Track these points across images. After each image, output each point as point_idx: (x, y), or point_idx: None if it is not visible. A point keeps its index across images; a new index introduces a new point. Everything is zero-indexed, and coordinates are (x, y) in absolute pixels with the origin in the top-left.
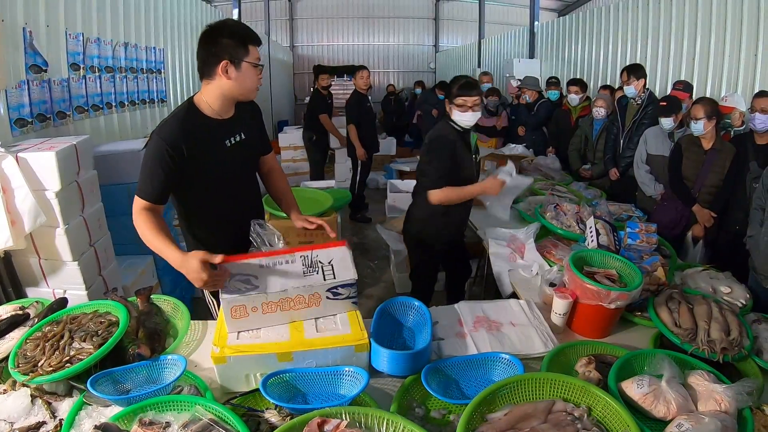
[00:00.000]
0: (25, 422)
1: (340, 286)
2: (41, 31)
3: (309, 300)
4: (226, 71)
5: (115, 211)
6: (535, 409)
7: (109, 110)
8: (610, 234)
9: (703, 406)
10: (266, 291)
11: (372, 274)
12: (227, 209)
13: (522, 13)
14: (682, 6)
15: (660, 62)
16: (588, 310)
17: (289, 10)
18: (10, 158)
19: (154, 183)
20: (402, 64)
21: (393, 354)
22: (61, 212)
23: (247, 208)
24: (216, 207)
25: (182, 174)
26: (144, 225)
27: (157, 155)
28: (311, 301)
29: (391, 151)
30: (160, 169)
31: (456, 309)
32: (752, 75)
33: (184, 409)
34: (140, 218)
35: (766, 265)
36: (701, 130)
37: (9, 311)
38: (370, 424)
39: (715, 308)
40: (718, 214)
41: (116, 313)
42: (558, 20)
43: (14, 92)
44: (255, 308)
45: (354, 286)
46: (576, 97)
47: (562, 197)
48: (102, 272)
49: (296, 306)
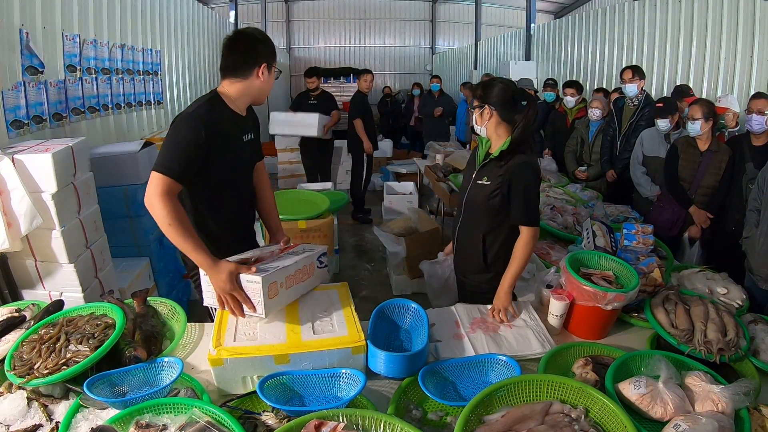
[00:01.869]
0: (22, 425)
1: (322, 255)
2: (38, 33)
3: (309, 270)
4: (262, 73)
5: (111, 213)
6: (533, 410)
7: (105, 112)
8: (606, 235)
9: (700, 407)
10: (285, 267)
11: (369, 276)
12: (235, 204)
13: (518, 15)
14: (677, 8)
15: (656, 64)
16: (585, 312)
17: (285, 12)
18: (6, 160)
19: (182, 161)
20: (398, 66)
21: (390, 356)
22: (58, 214)
23: (249, 206)
24: (226, 200)
25: (205, 160)
26: (171, 216)
27: (191, 134)
28: (310, 271)
29: (387, 153)
30: (193, 147)
31: (453, 311)
32: (748, 77)
33: (181, 411)
34: (165, 206)
35: (763, 266)
36: (698, 131)
37: (5, 313)
38: (367, 427)
39: (711, 309)
40: (714, 216)
41: (113, 316)
42: (554, 22)
43: (10, 94)
44: (282, 284)
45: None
46: (572, 100)
47: (558, 199)
48: (98, 274)
49: (302, 278)
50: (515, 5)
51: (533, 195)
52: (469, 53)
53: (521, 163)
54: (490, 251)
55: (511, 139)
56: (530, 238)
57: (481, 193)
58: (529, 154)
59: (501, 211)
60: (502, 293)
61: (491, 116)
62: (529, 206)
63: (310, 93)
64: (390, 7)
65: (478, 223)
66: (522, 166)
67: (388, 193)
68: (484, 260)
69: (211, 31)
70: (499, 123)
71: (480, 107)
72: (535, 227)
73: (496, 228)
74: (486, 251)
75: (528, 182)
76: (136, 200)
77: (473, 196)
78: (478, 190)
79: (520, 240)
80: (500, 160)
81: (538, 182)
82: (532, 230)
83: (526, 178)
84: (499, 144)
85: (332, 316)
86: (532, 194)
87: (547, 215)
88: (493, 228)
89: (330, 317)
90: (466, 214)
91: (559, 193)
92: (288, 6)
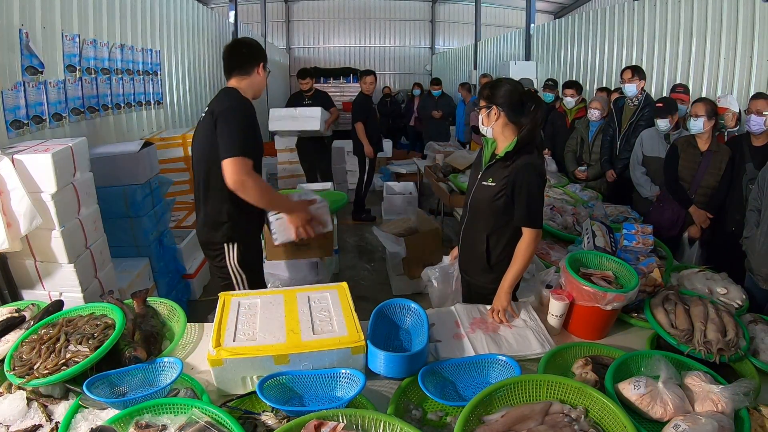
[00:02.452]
0: (21, 425)
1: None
2: (37, 33)
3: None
4: (260, 71)
5: (111, 214)
6: (532, 410)
7: (105, 112)
8: (606, 235)
9: (700, 407)
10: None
11: (369, 276)
12: None
13: (518, 16)
14: (677, 8)
15: (656, 64)
16: (584, 312)
17: (285, 12)
18: (6, 160)
19: (249, 141)
20: (398, 66)
21: (390, 356)
22: (57, 214)
23: None
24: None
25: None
26: (261, 186)
27: (249, 118)
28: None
29: (387, 153)
30: (251, 129)
31: (453, 311)
32: (747, 77)
33: (181, 411)
34: (255, 181)
35: (763, 266)
36: (700, 128)
37: (5, 314)
38: (367, 427)
39: (711, 309)
40: (714, 215)
41: (112, 316)
42: (554, 22)
43: (10, 94)
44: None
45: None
46: (572, 100)
47: (558, 199)
48: (98, 275)
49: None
50: (515, 5)
51: (536, 196)
52: (469, 53)
53: (525, 164)
54: (493, 252)
55: (518, 141)
56: (532, 240)
57: (485, 194)
58: (534, 156)
59: (505, 212)
60: (502, 293)
61: (498, 117)
62: (532, 208)
63: (303, 94)
64: (390, 8)
65: (483, 223)
66: (526, 167)
67: (388, 193)
68: (488, 261)
69: (211, 32)
70: (506, 124)
71: (487, 107)
72: (537, 229)
73: (499, 229)
74: (489, 252)
75: (531, 184)
76: (135, 200)
77: (478, 197)
78: (482, 191)
79: (522, 241)
80: (505, 161)
81: (542, 184)
82: (535, 232)
83: (530, 180)
84: (504, 145)
85: (332, 316)
86: (535, 196)
87: (547, 215)
88: (497, 229)
89: (330, 317)
90: (471, 215)
91: (559, 193)
92: (288, 6)
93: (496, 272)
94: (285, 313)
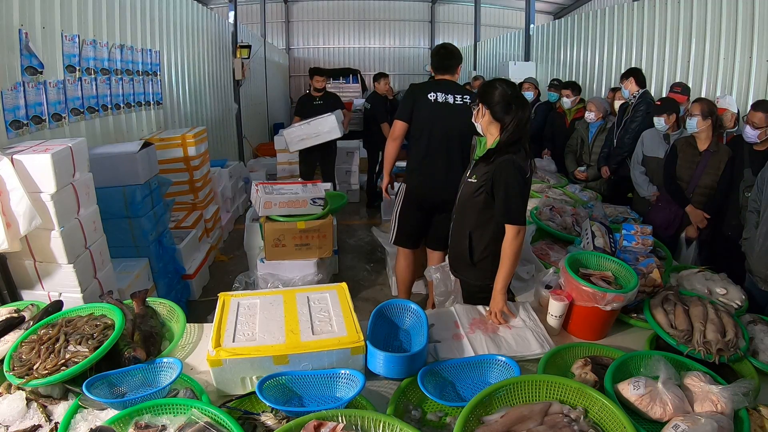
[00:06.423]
0: (21, 426)
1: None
2: (37, 33)
3: None
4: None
5: (110, 214)
6: (532, 411)
7: (104, 112)
8: (605, 236)
9: (700, 407)
10: None
11: (368, 277)
12: None
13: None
14: (677, 9)
15: (655, 65)
16: (584, 312)
17: (284, 12)
18: (6, 160)
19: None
20: (397, 67)
21: (389, 356)
22: (57, 214)
23: None
24: None
25: None
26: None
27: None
28: None
29: None
30: None
31: (452, 311)
32: (747, 78)
33: (180, 412)
34: (396, 144)
35: (762, 267)
36: (694, 127)
37: (4, 314)
38: (367, 427)
39: (710, 309)
40: (711, 216)
41: (112, 316)
42: (553, 23)
43: (10, 94)
44: None
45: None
46: (568, 101)
47: (557, 200)
48: (97, 275)
49: None
50: (514, 6)
51: (515, 192)
52: (469, 54)
53: (505, 161)
54: (476, 249)
55: (499, 140)
56: (514, 236)
57: (468, 190)
58: (519, 155)
59: (486, 208)
60: (497, 295)
61: (484, 114)
62: (511, 204)
63: (313, 94)
64: (389, 8)
65: (466, 220)
66: (504, 163)
67: None
68: (471, 257)
69: (211, 32)
70: (491, 122)
71: (476, 104)
72: (518, 225)
73: (481, 226)
74: (472, 249)
75: (509, 180)
76: (135, 200)
77: (463, 194)
78: (467, 187)
79: (505, 239)
80: (488, 158)
81: (522, 181)
82: (515, 228)
83: (508, 176)
84: (491, 143)
85: (331, 317)
86: (514, 192)
87: (547, 216)
88: (479, 226)
89: (329, 318)
90: (457, 212)
91: (559, 194)
92: (287, 7)
93: (480, 269)
94: (284, 313)
